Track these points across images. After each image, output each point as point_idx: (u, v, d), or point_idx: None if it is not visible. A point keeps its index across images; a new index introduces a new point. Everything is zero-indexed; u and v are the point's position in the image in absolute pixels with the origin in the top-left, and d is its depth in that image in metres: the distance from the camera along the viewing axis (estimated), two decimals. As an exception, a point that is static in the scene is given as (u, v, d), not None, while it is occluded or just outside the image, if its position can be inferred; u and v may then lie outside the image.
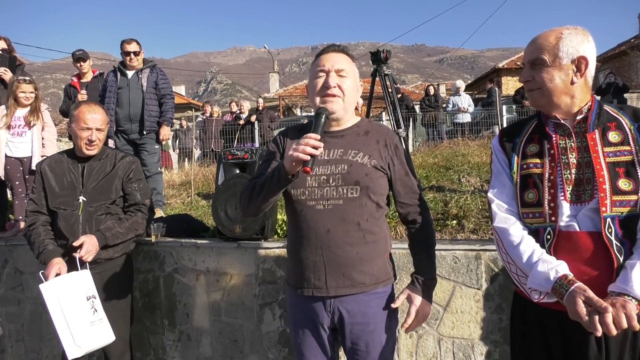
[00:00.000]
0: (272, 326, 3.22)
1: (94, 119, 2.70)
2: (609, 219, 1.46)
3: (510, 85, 24.76)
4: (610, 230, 1.46)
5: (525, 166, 1.65)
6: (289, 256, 1.95)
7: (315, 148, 1.58)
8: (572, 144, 1.58)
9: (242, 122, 11.46)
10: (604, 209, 1.46)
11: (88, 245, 2.59)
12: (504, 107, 11.21)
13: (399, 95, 9.83)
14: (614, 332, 1.33)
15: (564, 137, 1.60)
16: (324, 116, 1.72)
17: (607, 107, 1.60)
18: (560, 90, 1.56)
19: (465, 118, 10.99)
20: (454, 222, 3.88)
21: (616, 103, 10.67)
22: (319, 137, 1.61)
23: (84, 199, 2.71)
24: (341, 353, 1.99)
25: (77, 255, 2.57)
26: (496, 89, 11.01)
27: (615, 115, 1.58)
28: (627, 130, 1.54)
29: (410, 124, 11.02)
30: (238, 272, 3.31)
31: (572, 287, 1.42)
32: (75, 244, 2.59)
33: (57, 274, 2.53)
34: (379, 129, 1.93)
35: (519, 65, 25.95)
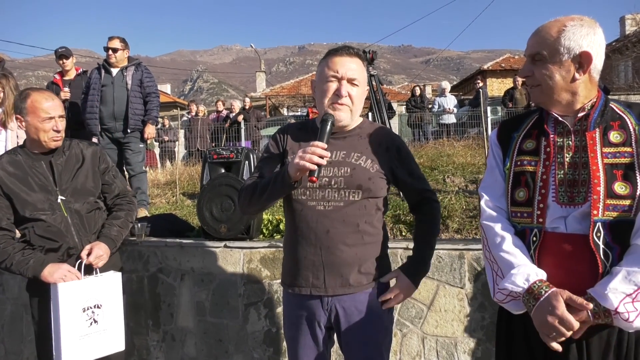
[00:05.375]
0: (257, 326, 3.21)
1: (55, 106, 2.38)
2: (599, 223, 1.38)
3: (494, 86, 25.01)
4: (598, 234, 1.38)
5: (519, 163, 1.56)
6: (286, 255, 1.94)
7: (322, 157, 1.59)
8: (570, 142, 1.49)
9: (229, 123, 11.40)
10: (595, 212, 1.39)
11: (97, 251, 2.38)
12: (489, 109, 11.35)
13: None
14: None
15: (563, 134, 1.50)
16: (329, 123, 1.72)
17: (613, 105, 1.50)
18: (561, 87, 1.47)
19: (451, 119, 11.09)
20: (439, 221, 3.92)
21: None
22: (325, 145, 1.63)
23: (62, 198, 2.41)
24: (333, 350, 2.00)
25: (84, 260, 2.35)
26: (485, 89, 11.14)
27: (620, 113, 1.48)
28: (631, 130, 1.43)
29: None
30: (223, 271, 3.30)
31: (552, 289, 1.38)
32: (83, 253, 2.37)
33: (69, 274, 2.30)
34: (381, 132, 1.94)
35: (504, 67, 26.22)
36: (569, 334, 1.34)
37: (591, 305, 1.32)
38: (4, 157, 2.44)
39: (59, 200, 2.40)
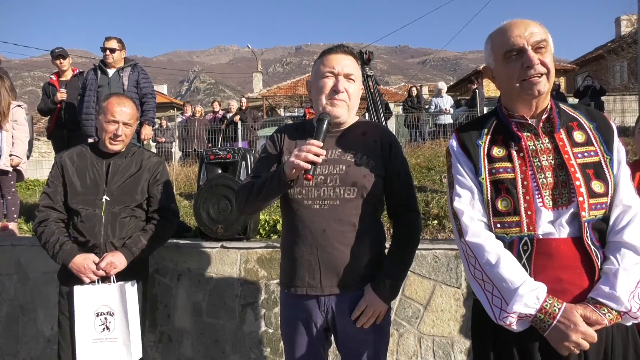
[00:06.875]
0: (254, 326, 3.21)
1: (122, 112, 2.52)
2: (586, 223, 1.38)
3: (491, 87, 25.02)
4: (587, 234, 1.38)
5: (494, 171, 1.49)
6: (283, 255, 1.94)
7: (318, 155, 1.59)
8: (542, 145, 1.47)
9: (225, 123, 11.40)
10: (583, 213, 1.38)
11: (111, 258, 2.40)
12: (485, 109, 11.39)
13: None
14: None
15: (532, 137, 1.49)
16: (326, 122, 1.72)
17: (564, 107, 1.54)
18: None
19: (447, 119, 11.13)
20: (435, 222, 3.93)
21: (593, 106, 10.97)
22: (321, 144, 1.63)
23: (107, 199, 2.50)
24: (330, 350, 2.00)
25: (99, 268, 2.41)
26: (482, 90, 11.17)
27: (573, 114, 1.52)
28: (588, 129, 1.47)
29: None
30: (220, 272, 3.30)
31: (564, 306, 1.34)
32: (98, 261, 2.41)
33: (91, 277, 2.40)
34: (376, 129, 1.94)
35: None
36: (588, 345, 1.33)
37: (605, 321, 1.32)
38: (77, 147, 2.65)
39: (102, 199, 2.51)
